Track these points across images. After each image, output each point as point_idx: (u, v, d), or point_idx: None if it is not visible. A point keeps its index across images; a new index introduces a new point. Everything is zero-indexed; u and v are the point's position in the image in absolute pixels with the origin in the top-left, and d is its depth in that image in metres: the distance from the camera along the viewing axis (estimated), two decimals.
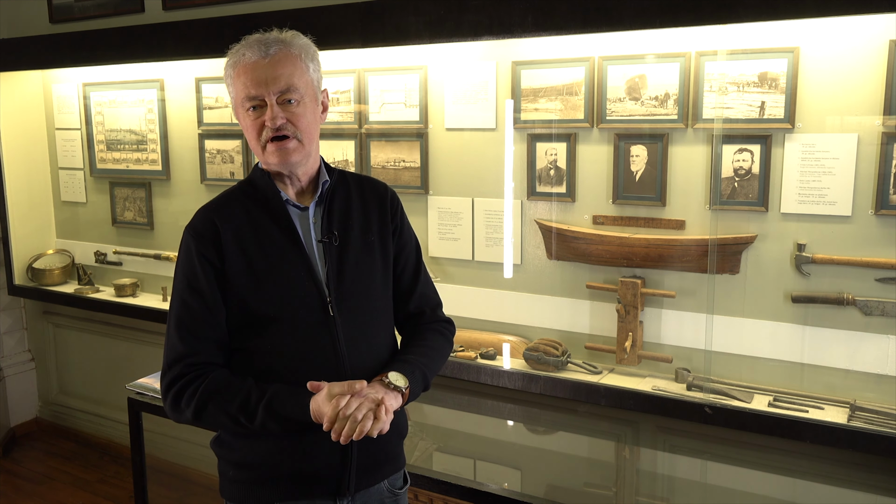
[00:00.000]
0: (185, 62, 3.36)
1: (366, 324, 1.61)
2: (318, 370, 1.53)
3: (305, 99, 1.54)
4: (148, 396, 2.65)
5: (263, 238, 1.55)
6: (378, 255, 1.66)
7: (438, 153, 2.87)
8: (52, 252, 4.04)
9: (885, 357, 2.19)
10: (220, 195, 1.65)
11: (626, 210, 2.53)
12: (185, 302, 1.53)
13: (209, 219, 1.56)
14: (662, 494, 2.38)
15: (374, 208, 1.68)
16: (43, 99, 4.00)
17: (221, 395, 1.49)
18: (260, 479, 1.57)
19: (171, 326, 1.55)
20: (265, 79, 1.50)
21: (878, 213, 2.15)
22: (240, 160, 3.37)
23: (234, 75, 1.55)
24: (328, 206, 1.61)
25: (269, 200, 1.58)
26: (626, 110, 2.47)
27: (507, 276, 2.78)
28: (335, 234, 1.59)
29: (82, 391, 4.27)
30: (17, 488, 3.76)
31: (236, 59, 1.55)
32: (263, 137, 1.53)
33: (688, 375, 2.43)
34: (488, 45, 2.66)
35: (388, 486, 1.68)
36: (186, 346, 1.52)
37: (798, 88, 2.20)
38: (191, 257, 1.54)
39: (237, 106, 1.58)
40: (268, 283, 1.53)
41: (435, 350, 1.69)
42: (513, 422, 2.74)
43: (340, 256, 1.59)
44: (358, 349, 1.58)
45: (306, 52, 1.56)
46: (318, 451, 1.55)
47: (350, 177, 1.71)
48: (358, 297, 1.60)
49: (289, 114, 1.52)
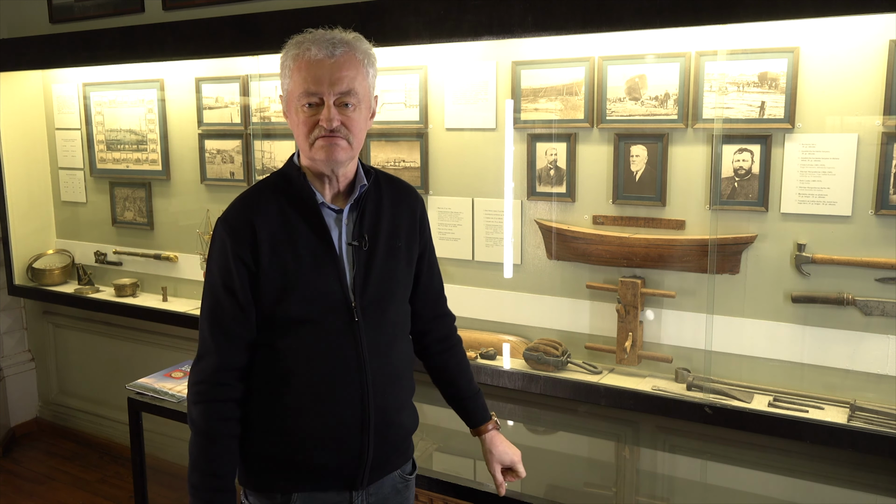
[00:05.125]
0: (185, 62, 3.36)
1: (387, 329, 1.64)
2: (340, 373, 1.58)
3: (361, 105, 1.54)
4: (148, 396, 2.65)
5: (297, 241, 1.56)
6: (402, 261, 1.67)
7: (438, 153, 2.87)
8: (52, 252, 4.04)
9: (885, 357, 2.19)
10: (254, 188, 1.64)
11: (626, 210, 2.53)
12: (218, 300, 1.56)
13: (246, 218, 1.56)
14: (662, 494, 2.38)
15: (404, 214, 1.69)
16: (43, 99, 4.00)
17: (208, 448, 1.58)
18: (277, 469, 1.62)
19: (204, 320, 1.59)
20: (328, 78, 1.49)
21: (878, 213, 2.15)
22: (239, 160, 3.38)
23: (293, 67, 1.53)
24: (361, 210, 1.62)
25: (304, 201, 1.58)
26: (626, 110, 2.47)
27: (507, 276, 2.78)
28: (365, 238, 1.61)
29: (82, 391, 4.27)
30: (17, 488, 3.76)
31: (299, 52, 1.52)
32: (314, 135, 1.52)
33: (688, 375, 2.43)
34: (488, 45, 2.66)
35: (400, 473, 1.74)
36: (216, 344, 1.57)
37: (798, 88, 2.20)
38: (226, 256, 1.55)
39: (291, 100, 1.55)
40: (299, 285, 1.55)
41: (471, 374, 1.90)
42: (513, 422, 2.74)
43: (368, 261, 1.61)
44: (379, 354, 1.61)
45: (369, 58, 1.56)
46: (334, 447, 1.60)
47: (383, 179, 1.71)
48: (382, 302, 1.62)
49: (344, 117, 1.52)
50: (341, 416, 1.58)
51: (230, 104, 3.36)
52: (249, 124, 3.31)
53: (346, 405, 1.58)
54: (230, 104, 3.36)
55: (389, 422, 1.65)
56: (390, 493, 1.72)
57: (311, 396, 1.58)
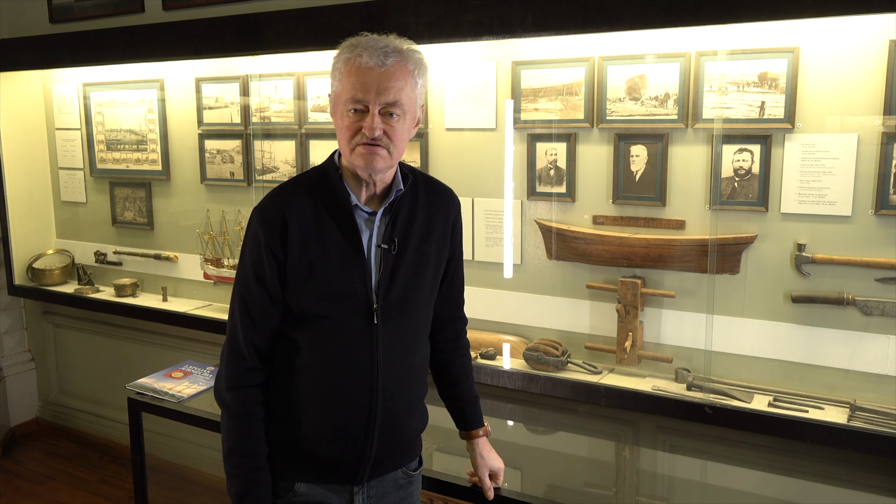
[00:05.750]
0: (185, 62, 3.36)
1: (406, 335, 1.66)
2: (351, 373, 1.60)
3: (406, 115, 1.55)
4: (148, 396, 2.65)
5: (326, 238, 1.58)
6: (431, 266, 1.68)
7: (438, 153, 2.87)
8: (52, 252, 4.04)
9: (885, 357, 2.19)
10: (292, 182, 1.66)
11: (626, 210, 2.53)
12: (250, 289, 1.60)
13: (280, 211, 1.58)
14: (662, 494, 2.38)
15: (439, 219, 1.70)
16: (43, 99, 4.00)
17: (244, 430, 1.62)
18: (283, 457, 1.65)
19: (235, 307, 1.63)
20: (376, 87, 1.50)
21: (878, 213, 2.15)
22: (239, 160, 3.38)
23: (344, 71, 1.53)
24: (395, 213, 1.63)
25: (338, 201, 1.59)
26: (626, 110, 2.47)
27: (507, 276, 2.78)
28: (395, 241, 1.61)
29: (82, 391, 4.27)
30: (17, 488, 3.76)
31: (351, 56, 1.52)
32: (356, 140, 1.53)
33: (688, 375, 2.43)
34: (488, 45, 2.66)
35: (403, 470, 1.76)
36: (246, 332, 1.61)
37: (798, 88, 2.20)
38: (258, 247, 1.58)
39: (338, 102, 1.56)
40: (322, 282, 1.57)
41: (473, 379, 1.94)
42: (513, 422, 2.74)
43: (395, 265, 1.61)
44: (393, 360, 1.63)
45: (419, 68, 1.56)
46: (339, 443, 1.62)
47: (422, 182, 1.71)
48: (404, 307, 1.63)
49: (388, 126, 1.52)
50: (348, 414, 1.61)
51: (230, 104, 3.36)
52: (249, 124, 3.31)
53: (353, 404, 1.60)
54: (230, 104, 3.36)
55: (396, 425, 1.66)
56: (391, 489, 1.73)
57: (321, 392, 1.60)
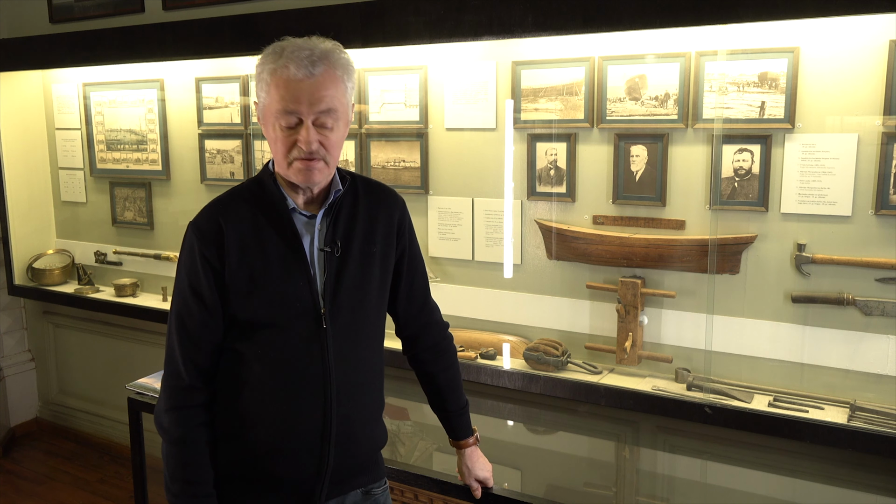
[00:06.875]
0: (185, 62, 3.36)
1: (357, 338, 1.61)
2: (303, 380, 1.54)
3: (340, 122, 1.52)
4: (148, 396, 2.65)
5: (266, 244, 1.54)
6: (377, 267, 1.64)
7: (438, 153, 2.87)
8: (52, 252, 4.04)
9: (885, 357, 2.19)
10: (227, 193, 1.62)
11: (626, 210, 2.53)
12: (186, 303, 1.54)
13: (214, 219, 1.54)
14: (662, 494, 2.38)
15: (381, 219, 1.66)
16: (43, 99, 4.00)
17: (183, 456, 1.55)
18: (234, 480, 1.58)
19: (172, 324, 1.57)
20: (307, 99, 1.45)
21: (878, 213, 2.15)
22: (239, 160, 3.37)
23: (270, 83, 1.48)
24: (335, 215, 1.60)
25: (275, 206, 1.56)
26: (626, 110, 2.47)
27: (507, 276, 2.78)
28: (338, 244, 1.58)
29: (82, 391, 4.27)
30: (17, 488, 3.76)
31: (276, 66, 1.46)
32: (293, 155, 1.49)
33: (688, 375, 2.43)
34: (488, 45, 2.66)
35: (364, 490, 1.69)
36: (183, 348, 1.55)
37: (798, 88, 2.20)
38: (193, 257, 1.53)
39: (268, 114, 1.51)
40: (266, 289, 1.53)
41: (460, 384, 1.88)
42: (513, 422, 2.74)
43: (340, 267, 1.57)
44: (346, 363, 1.58)
45: (347, 71, 1.53)
46: (293, 458, 1.56)
47: (361, 184, 1.68)
48: (352, 309, 1.59)
49: (323, 137, 1.49)
50: (303, 424, 1.55)
51: (230, 104, 3.36)
52: (249, 124, 3.31)
53: (308, 413, 1.54)
54: (230, 104, 3.36)
55: (353, 434, 1.60)
56: None
57: (272, 403, 1.54)
